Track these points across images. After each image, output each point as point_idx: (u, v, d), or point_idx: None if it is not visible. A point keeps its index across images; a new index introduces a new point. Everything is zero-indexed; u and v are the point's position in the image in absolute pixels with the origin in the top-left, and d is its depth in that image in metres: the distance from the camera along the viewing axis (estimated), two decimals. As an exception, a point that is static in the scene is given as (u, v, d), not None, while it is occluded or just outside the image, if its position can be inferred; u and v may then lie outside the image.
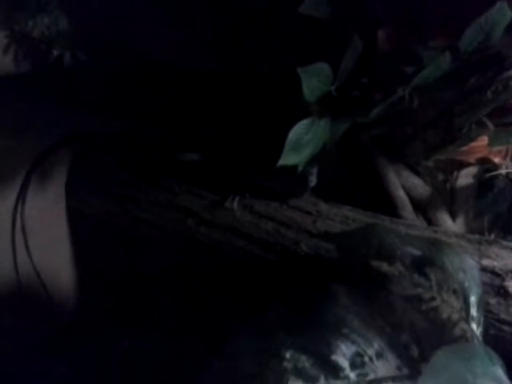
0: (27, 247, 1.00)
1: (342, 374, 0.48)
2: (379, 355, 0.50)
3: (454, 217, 0.92)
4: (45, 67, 0.89)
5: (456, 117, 0.78)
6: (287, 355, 0.48)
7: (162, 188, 0.97)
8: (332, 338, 0.49)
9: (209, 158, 0.97)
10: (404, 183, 0.89)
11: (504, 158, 0.87)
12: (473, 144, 0.83)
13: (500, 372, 0.44)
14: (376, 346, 0.51)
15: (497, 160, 0.87)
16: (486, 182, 0.89)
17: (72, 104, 0.92)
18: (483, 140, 0.81)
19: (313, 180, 0.85)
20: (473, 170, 0.90)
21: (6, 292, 0.98)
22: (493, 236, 0.90)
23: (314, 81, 0.68)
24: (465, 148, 0.85)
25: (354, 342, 0.50)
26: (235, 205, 0.90)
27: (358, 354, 0.50)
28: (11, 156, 0.96)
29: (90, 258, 1.10)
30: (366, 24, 0.73)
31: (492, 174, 0.87)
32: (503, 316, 0.73)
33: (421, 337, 0.56)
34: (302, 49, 0.77)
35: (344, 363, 0.49)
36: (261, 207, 0.89)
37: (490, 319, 0.72)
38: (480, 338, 0.63)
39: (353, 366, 0.49)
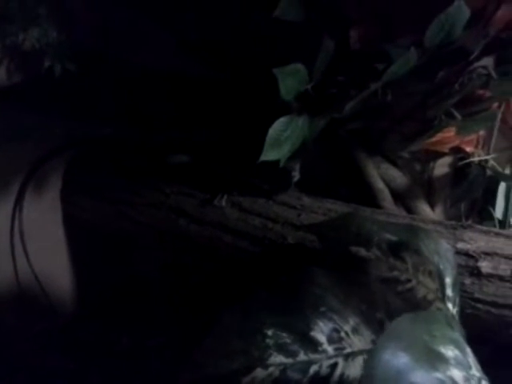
0: (25, 252, 1.04)
1: (320, 349, 0.53)
2: (355, 331, 0.55)
3: (432, 205, 0.96)
4: (37, 78, 0.93)
5: (428, 109, 0.82)
6: (269, 333, 0.52)
7: (154, 190, 1.01)
8: (311, 316, 0.54)
9: (198, 158, 1.01)
10: (383, 175, 0.94)
11: (476, 146, 0.91)
12: (446, 134, 0.88)
13: (458, 336, 0.48)
14: (352, 322, 0.55)
15: (468, 149, 0.91)
16: (460, 171, 0.94)
17: (64, 113, 0.96)
18: (454, 130, 0.86)
19: (296, 175, 0.90)
20: (448, 159, 0.94)
21: (6, 295, 1.02)
22: (470, 221, 0.95)
23: (290, 80, 0.72)
24: (438, 139, 0.89)
25: (330, 320, 0.54)
26: (224, 202, 0.94)
27: (335, 330, 0.54)
28: (7, 164, 1.00)
29: (87, 261, 1.14)
30: (338, 25, 0.77)
31: (464, 162, 0.91)
32: (477, 295, 0.77)
33: (395, 315, 0.60)
34: (279, 50, 0.81)
35: (322, 339, 0.53)
36: (248, 204, 0.93)
37: (465, 298, 0.77)
38: (456, 317, 0.68)
39: (330, 341, 0.53)
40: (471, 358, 0.44)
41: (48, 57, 0.90)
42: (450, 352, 0.43)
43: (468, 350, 0.46)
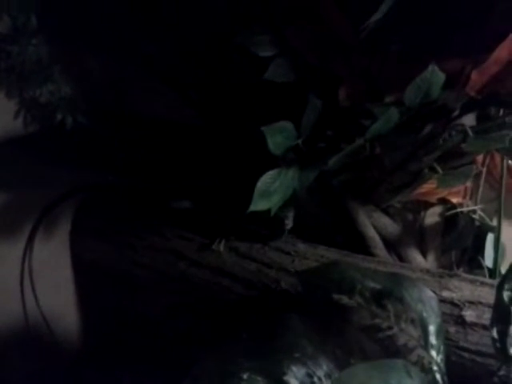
0: (34, 291, 1.09)
1: (293, 393, 0.55)
2: (328, 376, 0.57)
3: (424, 253, 0.99)
4: (50, 129, 1.01)
5: (412, 162, 0.86)
6: (244, 376, 0.55)
7: (156, 234, 1.06)
8: (285, 361, 0.57)
9: (198, 204, 1.06)
10: (375, 223, 0.97)
11: (464, 197, 0.95)
12: (434, 185, 0.91)
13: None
14: (325, 367, 0.58)
15: (455, 200, 0.95)
16: (450, 220, 0.97)
17: (73, 161, 1.03)
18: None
19: (288, 223, 0.94)
20: (438, 209, 0.98)
21: (13, 333, 1.06)
22: (460, 270, 0.97)
23: (278, 137, 0.77)
24: (427, 189, 0.93)
25: (304, 365, 0.57)
26: (221, 247, 0.98)
27: (308, 375, 0.57)
28: (20, 208, 1.06)
29: (92, 301, 1.19)
30: (325, 83, 0.83)
31: (452, 212, 0.94)
32: (462, 343, 0.78)
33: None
34: (272, 107, 0.87)
35: (295, 383, 0.56)
36: (245, 249, 0.97)
37: (450, 347, 0.78)
38: (441, 365, 0.70)
39: (303, 385, 0.56)
40: (429, 406, 0.47)
41: (60, 110, 0.97)
42: (404, 400, 0.45)
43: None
